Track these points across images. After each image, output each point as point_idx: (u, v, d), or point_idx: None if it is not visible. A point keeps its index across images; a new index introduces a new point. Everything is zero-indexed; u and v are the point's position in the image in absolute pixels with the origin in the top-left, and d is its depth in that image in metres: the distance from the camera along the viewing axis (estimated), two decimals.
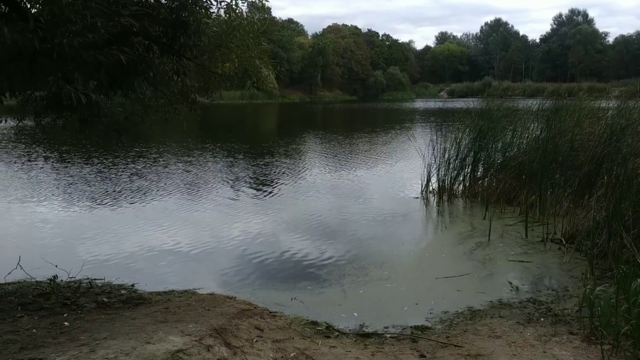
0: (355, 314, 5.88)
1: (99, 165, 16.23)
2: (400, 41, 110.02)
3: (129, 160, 17.38)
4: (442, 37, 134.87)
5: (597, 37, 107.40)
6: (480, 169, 12.14)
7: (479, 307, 6.04)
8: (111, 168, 15.73)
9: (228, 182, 13.95)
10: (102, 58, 5.59)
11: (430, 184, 12.38)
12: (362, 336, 5.33)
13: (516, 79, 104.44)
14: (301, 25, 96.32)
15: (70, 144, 20.52)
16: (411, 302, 6.21)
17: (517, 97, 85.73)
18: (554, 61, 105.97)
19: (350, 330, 5.50)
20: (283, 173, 15.56)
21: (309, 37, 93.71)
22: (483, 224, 9.63)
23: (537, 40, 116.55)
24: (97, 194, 12.20)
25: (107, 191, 12.55)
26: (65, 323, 5.24)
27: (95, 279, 6.97)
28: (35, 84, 5.65)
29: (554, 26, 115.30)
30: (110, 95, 6.44)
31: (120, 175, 14.66)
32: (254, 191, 13.03)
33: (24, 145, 20.83)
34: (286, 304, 6.16)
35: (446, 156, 12.21)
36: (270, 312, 5.83)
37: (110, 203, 11.42)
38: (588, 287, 5.54)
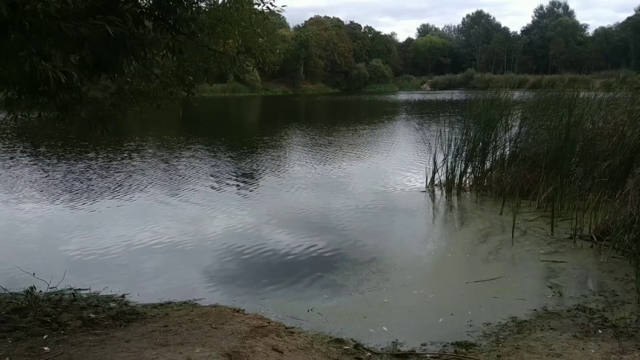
0: (385, 328, 5.10)
1: (74, 160, 15.21)
2: (382, 33, 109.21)
3: (107, 155, 16.36)
4: (424, 30, 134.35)
5: (577, 29, 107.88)
6: (490, 161, 11.43)
7: (523, 317, 5.29)
8: (88, 163, 14.72)
9: (223, 178, 13.07)
10: (85, 31, 4.73)
11: (435, 176, 11.64)
12: (399, 357, 4.54)
13: (498, 71, 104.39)
14: (283, 17, 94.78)
15: (46, 136, 19.39)
16: (445, 312, 5.44)
17: (501, 89, 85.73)
18: (536, 53, 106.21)
19: (382, 349, 4.71)
20: (279, 167, 14.70)
21: (291, 30, 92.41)
22: (501, 219, 8.92)
23: (519, 32, 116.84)
24: (77, 192, 11.24)
25: (88, 189, 11.58)
26: (45, 348, 4.36)
27: (79, 290, 6.10)
28: (4, 62, 4.75)
29: (535, 18, 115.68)
30: (93, 77, 5.55)
31: (100, 171, 13.67)
32: (251, 186, 12.17)
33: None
34: (302, 317, 5.35)
35: (453, 147, 11.47)
36: (286, 328, 5.00)
37: (93, 201, 10.47)
38: None
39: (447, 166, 11.41)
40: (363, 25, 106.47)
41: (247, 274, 6.74)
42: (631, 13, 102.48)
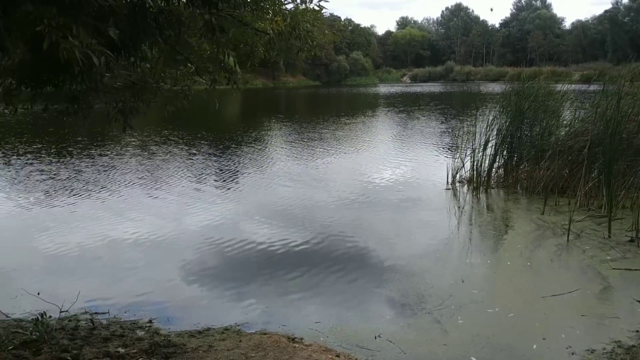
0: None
1: (57, 157, 14.09)
2: (362, 26, 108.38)
3: (84, 154, 15.25)
4: (403, 22, 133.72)
5: (555, 21, 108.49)
6: (517, 155, 10.71)
7: (629, 342, 4.54)
8: (68, 162, 13.63)
9: (238, 174, 12.13)
10: (113, 2, 3.86)
11: (459, 173, 10.88)
12: None
13: (477, 64, 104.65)
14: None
15: (31, 133, 18.14)
16: (535, 335, 4.66)
17: (480, 81, 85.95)
18: (514, 45, 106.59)
19: None
20: (287, 165, 13.79)
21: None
22: (545, 220, 8.20)
23: (497, 25, 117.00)
24: (81, 196, 10.21)
25: (82, 188, 10.55)
26: None
27: (96, 314, 5.17)
28: (16, 39, 3.82)
29: (514, 11, 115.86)
30: (116, 60, 4.61)
31: (86, 170, 12.61)
32: (261, 184, 11.25)
33: None
34: (371, 346, 4.51)
35: (478, 141, 10.73)
36: None
37: (95, 203, 9.47)
38: None
39: (472, 161, 10.65)
40: (343, 18, 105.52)
41: (281, 287, 5.89)
42: (607, 6, 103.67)
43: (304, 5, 5.08)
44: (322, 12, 5.25)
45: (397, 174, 12.12)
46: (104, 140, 17.12)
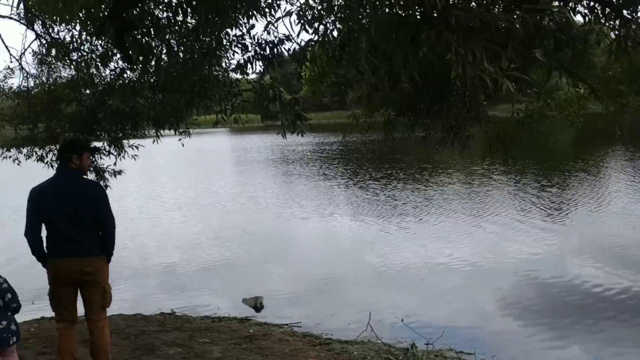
0: None
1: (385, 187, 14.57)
2: None
3: (432, 181, 15.09)
4: None
5: None
6: None
7: None
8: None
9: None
10: (517, 24, 3.52)
11: None
12: None
13: None
14: None
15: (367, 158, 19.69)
16: None
17: None
18: None
19: None
20: (631, 200, 11.46)
21: None
22: None
23: None
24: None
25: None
26: None
27: (462, 352, 4.89)
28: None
29: None
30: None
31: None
32: (593, 220, 9.83)
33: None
34: None
35: None
36: None
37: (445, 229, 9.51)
38: None
39: None
40: None
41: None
42: None
43: None
44: None
45: None
46: (447, 167, 17.30)
